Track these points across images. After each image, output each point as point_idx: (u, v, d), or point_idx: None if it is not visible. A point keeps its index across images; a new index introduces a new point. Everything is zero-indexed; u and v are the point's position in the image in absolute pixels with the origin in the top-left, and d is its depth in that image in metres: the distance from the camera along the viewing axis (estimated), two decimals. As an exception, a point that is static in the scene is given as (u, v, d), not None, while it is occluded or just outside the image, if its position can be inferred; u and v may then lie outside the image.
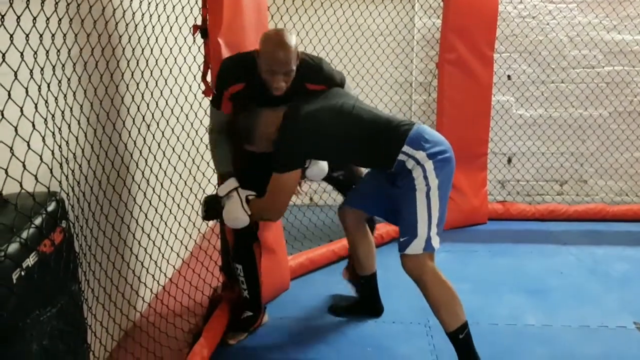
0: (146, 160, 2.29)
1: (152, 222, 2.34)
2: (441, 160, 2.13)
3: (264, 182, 2.21)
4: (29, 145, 1.38)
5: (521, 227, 4.01)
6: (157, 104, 2.32)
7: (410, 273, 2.18)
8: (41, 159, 1.44)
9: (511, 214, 4.12)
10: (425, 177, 2.10)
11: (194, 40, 2.52)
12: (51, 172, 1.51)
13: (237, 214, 2.26)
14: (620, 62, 4.19)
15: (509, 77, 4.28)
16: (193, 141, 2.63)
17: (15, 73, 1.33)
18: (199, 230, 2.82)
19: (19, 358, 1.31)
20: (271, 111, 2.19)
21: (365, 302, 2.78)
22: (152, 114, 2.32)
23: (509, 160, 4.44)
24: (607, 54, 4.19)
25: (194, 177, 2.70)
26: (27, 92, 1.39)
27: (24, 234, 1.33)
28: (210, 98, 2.35)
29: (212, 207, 2.33)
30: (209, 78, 2.46)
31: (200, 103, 2.63)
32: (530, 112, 4.33)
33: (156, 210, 2.36)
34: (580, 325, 2.66)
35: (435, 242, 2.14)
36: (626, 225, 4.02)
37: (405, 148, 2.11)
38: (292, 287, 3.08)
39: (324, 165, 2.44)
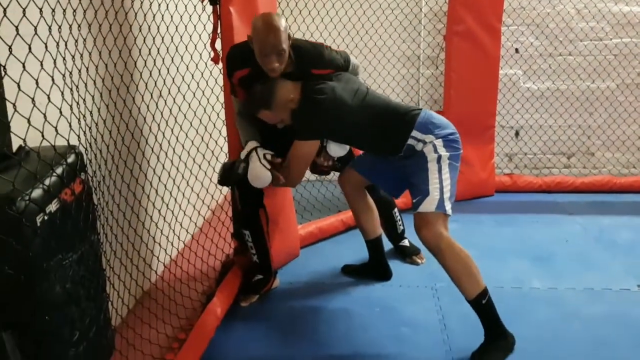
0: (159, 125, 2.35)
1: (165, 186, 2.41)
2: (450, 140, 2.25)
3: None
4: (49, 98, 1.44)
5: (528, 199, 4.04)
6: (168, 71, 2.38)
7: (427, 243, 2.20)
8: (60, 112, 1.50)
9: (518, 186, 4.16)
10: (436, 151, 2.22)
11: (204, 8, 2.56)
12: (70, 126, 1.57)
13: (256, 171, 2.33)
14: (628, 33, 4.19)
15: (516, 50, 4.29)
16: (205, 108, 2.69)
17: (35, 28, 1.39)
18: (212, 197, 2.88)
19: (45, 297, 1.39)
20: (290, 81, 2.26)
21: (374, 265, 2.85)
22: (164, 81, 2.37)
23: (517, 134, 4.46)
24: (615, 26, 4.19)
25: (207, 145, 2.76)
26: (46, 47, 1.45)
27: (47, 181, 1.40)
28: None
29: (228, 173, 2.39)
30: (217, 46, 2.51)
31: (210, 71, 2.68)
32: (537, 85, 4.34)
33: (169, 174, 2.43)
34: (585, 288, 2.72)
35: (448, 206, 2.19)
36: (633, 196, 4.04)
37: (415, 133, 2.23)
38: (302, 255, 3.15)
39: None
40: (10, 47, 1.26)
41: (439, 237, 2.16)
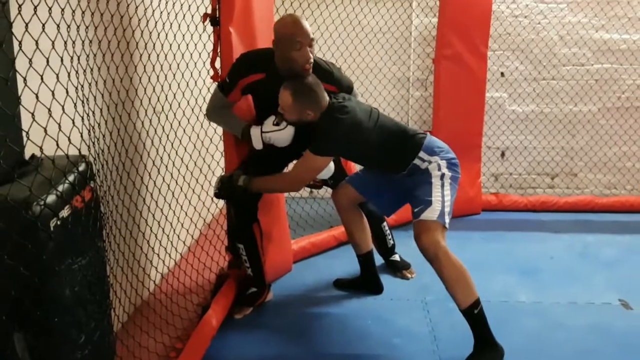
0: (160, 139, 2.42)
1: (165, 199, 2.48)
2: (452, 163, 2.40)
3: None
4: (63, 109, 1.52)
5: (513, 217, 4.15)
6: (170, 87, 2.47)
7: (425, 251, 2.27)
8: (73, 122, 1.57)
9: (504, 205, 4.27)
10: (440, 169, 2.35)
11: (204, 29, 2.66)
12: (81, 136, 1.65)
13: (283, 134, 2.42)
14: (609, 59, 4.36)
15: (502, 74, 4.44)
16: (202, 124, 2.77)
17: (53, 43, 1.47)
18: (208, 210, 2.94)
19: (55, 298, 1.45)
20: None
21: (365, 279, 2.92)
22: (166, 96, 2.46)
23: (503, 154, 4.59)
24: (596, 52, 4.36)
25: (204, 159, 2.84)
26: (62, 60, 1.53)
27: (60, 188, 1.47)
28: (219, 84, 2.49)
29: (225, 187, 2.46)
30: (217, 64, 2.61)
31: (209, 88, 2.77)
32: (522, 108, 4.49)
33: (168, 187, 2.49)
34: (569, 301, 2.81)
35: (447, 219, 2.30)
36: (615, 216, 4.17)
37: (422, 154, 2.37)
38: (295, 269, 3.20)
39: (331, 165, 2.58)
40: (30, 60, 1.34)
41: (437, 245, 2.24)
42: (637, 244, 3.62)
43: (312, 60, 2.32)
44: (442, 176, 2.34)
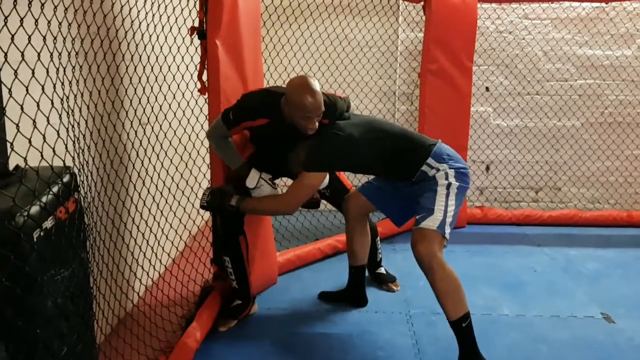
0: (145, 150, 2.43)
1: (150, 211, 2.47)
2: (461, 172, 2.39)
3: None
4: (48, 120, 1.52)
5: (498, 231, 4.19)
6: (156, 99, 2.47)
7: (421, 259, 2.28)
8: (58, 133, 1.58)
9: (489, 219, 4.31)
10: (447, 178, 2.34)
11: (192, 41, 2.68)
12: (66, 148, 1.65)
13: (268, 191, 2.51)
14: (592, 75, 4.44)
15: (487, 88, 4.50)
16: (189, 136, 2.77)
17: (39, 54, 1.48)
18: (193, 222, 2.94)
19: (38, 310, 1.44)
20: None
21: (352, 292, 2.92)
22: (152, 108, 2.46)
23: (487, 168, 4.64)
24: (579, 68, 4.43)
25: (190, 171, 2.84)
26: (47, 72, 1.53)
27: (44, 199, 1.47)
28: (225, 113, 2.47)
29: (215, 202, 2.47)
30: (204, 77, 2.62)
31: (196, 100, 2.78)
32: (507, 122, 4.54)
33: (153, 199, 2.49)
34: (552, 315, 2.83)
35: (447, 230, 2.29)
36: (597, 230, 4.23)
37: (430, 160, 2.37)
38: (280, 281, 3.21)
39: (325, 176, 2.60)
40: (15, 72, 1.35)
41: (433, 255, 2.24)
42: (620, 258, 3.66)
43: (316, 128, 2.33)
44: (449, 185, 2.32)
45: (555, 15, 4.36)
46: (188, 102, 2.74)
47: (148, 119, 2.44)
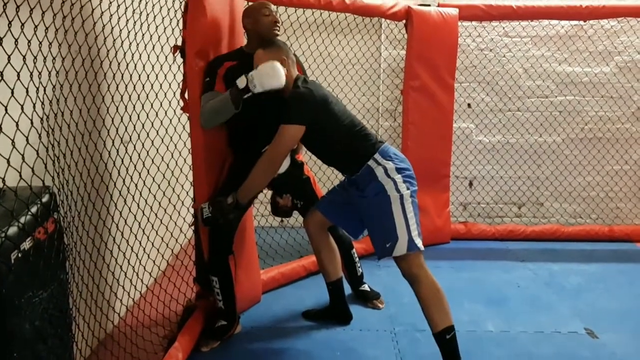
0: (127, 169, 2.40)
1: (131, 229, 2.45)
2: (408, 176, 2.39)
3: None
4: (27, 140, 1.50)
5: (482, 246, 4.21)
6: (138, 117, 2.46)
7: (405, 273, 2.35)
8: (37, 153, 1.56)
9: (472, 234, 4.33)
10: (397, 189, 2.33)
11: (174, 60, 2.67)
12: (45, 167, 1.63)
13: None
14: (572, 92, 4.50)
15: (469, 105, 4.54)
16: (172, 154, 2.76)
17: (18, 74, 1.46)
18: (176, 240, 2.91)
19: (15, 332, 1.42)
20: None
21: (335, 308, 2.90)
22: (134, 126, 2.45)
23: (470, 184, 4.67)
24: (559, 85, 4.50)
25: (173, 189, 2.82)
26: (27, 91, 1.52)
27: (22, 220, 1.45)
28: (205, 89, 2.52)
29: (217, 210, 2.41)
30: (187, 95, 2.61)
31: (179, 118, 2.77)
32: (489, 138, 4.59)
33: (135, 217, 2.47)
34: (536, 330, 2.84)
35: (418, 242, 2.32)
36: (580, 244, 4.26)
37: (377, 156, 2.38)
38: (264, 299, 3.18)
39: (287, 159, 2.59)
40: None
41: (417, 267, 2.32)
42: (602, 272, 3.69)
43: (279, 24, 2.58)
44: (401, 198, 2.32)
45: (535, 33, 4.43)
46: (171, 120, 2.73)
47: (130, 137, 2.43)
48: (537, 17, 4.15)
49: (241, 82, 2.36)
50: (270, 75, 2.31)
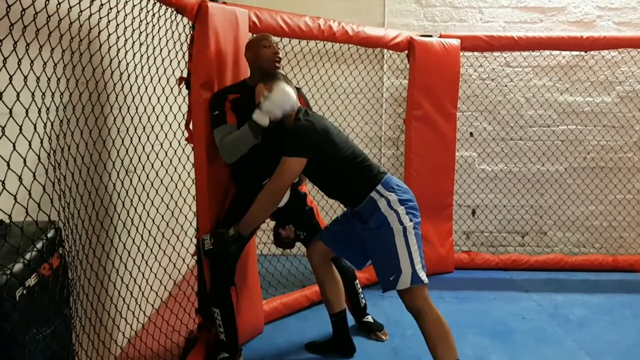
0: (132, 200, 2.41)
1: (134, 261, 2.44)
2: (412, 207, 2.39)
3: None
4: (34, 175, 1.51)
5: (485, 276, 4.18)
6: (143, 148, 2.47)
7: (410, 307, 2.33)
8: (44, 188, 1.56)
9: (476, 264, 4.30)
10: (400, 221, 2.33)
11: (180, 91, 2.70)
12: (51, 202, 1.63)
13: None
14: (573, 121, 4.53)
15: (471, 134, 4.56)
16: (176, 184, 2.76)
17: (27, 110, 1.48)
18: (179, 271, 2.90)
19: (18, 371, 1.40)
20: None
21: (338, 340, 2.88)
22: (139, 157, 2.46)
23: (473, 213, 4.66)
24: (561, 114, 4.52)
25: (177, 219, 2.82)
26: (35, 127, 1.53)
27: (27, 256, 1.44)
28: (213, 123, 2.54)
29: (219, 241, 2.43)
30: (191, 126, 2.63)
31: (183, 149, 2.78)
32: (491, 167, 4.59)
33: (138, 249, 2.46)
34: (541, 364, 2.81)
35: (422, 275, 2.31)
36: (584, 275, 4.23)
37: (379, 187, 2.37)
38: (266, 331, 3.15)
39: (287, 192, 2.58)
40: (3, 128, 1.34)
41: (422, 300, 2.30)
42: (606, 303, 3.66)
43: (280, 56, 2.57)
44: (404, 230, 2.31)
45: (536, 63, 4.47)
46: (175, 151, 2.74)
47: (135, 168, 2.43)
48: (539, 48, 4.18)
49: (262, 118, 2.38)
50: (285, 100, 2.37)
